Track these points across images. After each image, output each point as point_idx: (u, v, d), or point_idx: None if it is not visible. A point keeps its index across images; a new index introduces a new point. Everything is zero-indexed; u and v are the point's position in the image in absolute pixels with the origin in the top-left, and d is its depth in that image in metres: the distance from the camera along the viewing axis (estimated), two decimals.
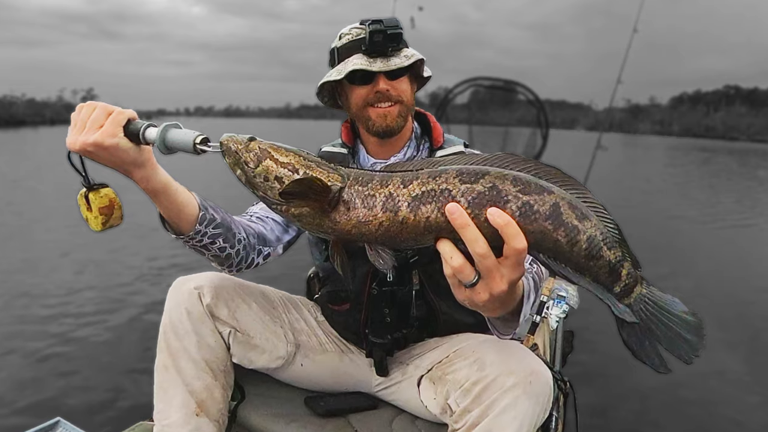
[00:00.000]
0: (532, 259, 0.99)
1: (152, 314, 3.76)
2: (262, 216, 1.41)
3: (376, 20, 1.27)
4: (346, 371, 1.49)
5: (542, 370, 1.10)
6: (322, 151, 1.45)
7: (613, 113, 6.55)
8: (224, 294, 1.35)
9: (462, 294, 0.76)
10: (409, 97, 1.34)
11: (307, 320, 1.52)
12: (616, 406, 2.80)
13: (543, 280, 1.13)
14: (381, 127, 1.31)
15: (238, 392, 1.44)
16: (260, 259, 1.37)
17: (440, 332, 1.41)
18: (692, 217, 9.21)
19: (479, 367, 1.13)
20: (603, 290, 0.75)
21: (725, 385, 3.08)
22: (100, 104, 0.97)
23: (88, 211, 1.05)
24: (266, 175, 0.79)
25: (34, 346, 3.26)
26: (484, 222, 0.69)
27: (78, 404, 2.63)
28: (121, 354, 3.23)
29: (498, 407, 1.04)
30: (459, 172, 0.73)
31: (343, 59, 1.30)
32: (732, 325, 3.99)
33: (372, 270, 1.33)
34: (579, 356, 2.90)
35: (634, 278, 0.74)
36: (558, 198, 0.70)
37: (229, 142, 0.84)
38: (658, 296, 0.76)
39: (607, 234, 0.72)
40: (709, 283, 5.13)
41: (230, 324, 1.34)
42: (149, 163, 1.03)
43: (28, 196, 9.47)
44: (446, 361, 1.27)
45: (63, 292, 4.28)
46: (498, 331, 1.04)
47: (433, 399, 1.25)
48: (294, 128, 65.66)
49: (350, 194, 0.76)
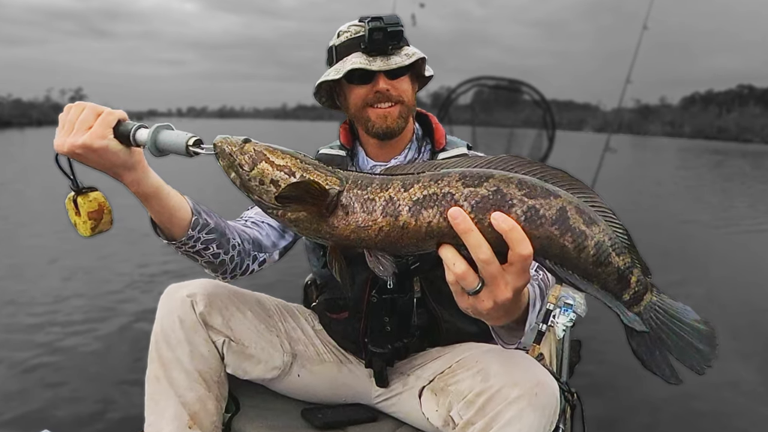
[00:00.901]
0: (538, 266, 0.99)
1: (143, 323, 3.75)
2: (258, 221, 1.41)
3: (376, 17, 1.27)
4: (344, 382, 1.48)
5: (548, 381, 1.10)
6: (319, 154, 1.45)
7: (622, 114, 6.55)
8: (218, 302, 1.35)
9: (465, 302, 0.76)
10: (410, 97, 1.34)
11: (304, 329, 1.52)
12: (626, 419, 2.78)
13: (549, 288, 1.13)
14: (381, 129, 1.31)
15: (233, 404, 1.44)
16: (255, 266, 1.37)
17: (442, 341, 1.41)
18: (704, 221, 9.20)
19: (483, 378, 1.13)
20: (612, 298, 0.75)
21: (739, 397, 3.07)
22: (89, 105, 0.97)
23: (77, 215, 1.05)
24: (262, 179, 0.79)
25: (21, 355, 3.26)
26: (487, 227, 0.69)
27: (66, 416, 2.62)
28: (111, 364, 3.22)
29: (502, 419, 1.04)
30: (462, 175, 0.73)
31: (341, 58, 1.31)
32: (746, 334, 3.98)
33: (371, 277, 1.33)
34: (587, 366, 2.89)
35: (644, 285, 0.74)
36: (565, 202, 0.70)
37: (223, 144, 0.84)
38: (669, 304, 0.76)
39: (615, 239, 0.72)
40: (721, 291, 5.12)
41: (224, 333, 1.34)
42: (140, 165, 1.03)
43: (15, 199, 9.47)
44: (449, 371, 1.27)
45: (50, 299, 4.28)
46: (502, 341, 1.04)
47: (435, 411, 1.25)
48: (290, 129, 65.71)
49: (349, 198, 0.77)
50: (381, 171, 0.80)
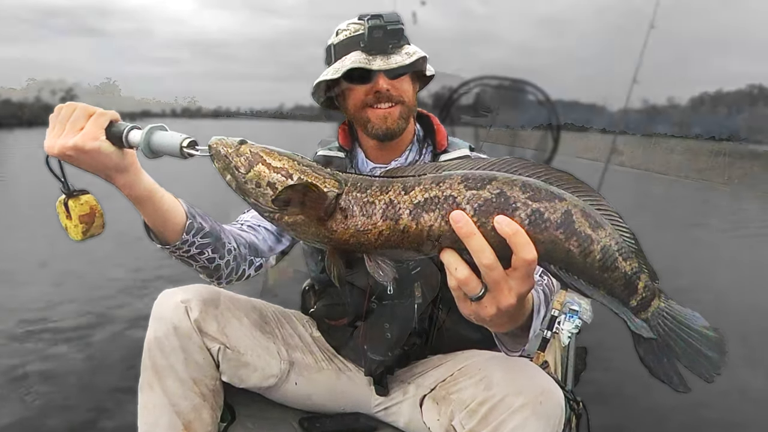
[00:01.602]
0: (543, 271, 0.99)
1: (136, 329, 3.74)
2: (254, 224, 1.41)
3: (376, 15, 1.27)
4: (343, 390, 1.48)
5: (553, 389, 1.10)
6: (317, 155, 1.45)
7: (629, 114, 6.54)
8: (213, 308, 1.35)
9: (467, 308, 0.76)
10: (411, 97, 1.34)
11: (302, 336, 1.52)
12: (632, 428, 2.78)
13: (554, 293, 1.13)
14: (381, 130, 1.31)
15: (228, 413, 1.43)
16: (252, 270, 1.36)
17: (444, 349, 1.41)
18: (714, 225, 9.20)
19: (486, 386, 1.13)
20: (618, 304, 0.75)
21: (748, 405, 3.06)
22: (81, 105, 0.97)
23: (68, 219, 1.05)
24: (258, 181, 0.79)
25: (10, 363, 3.24)
26: (491, 231, 0.69)
27: (57, 425, 2.61)
28: (103, 372, 3.21)
29: (506, 429, 1.04)
30: (464, 177, 0.73)
31: (340, 57, 1.31)
32: (755, 340, 3.97)
33: (371, 282, 1.33)
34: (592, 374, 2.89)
35: (652, 291, 0.74)
36: (570, 205, 0.70)
37: (219, 145, 0.83)
38: (677, 310, 0.76)
39: (622, 244, 0.72)
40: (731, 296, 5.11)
41: (220, 340, 1.34)
42: (133, 167, 1.03)
43: (3, 202, 9.46)
44: (450, 379, 1.27)
45: (41, 305, 4.27)
46: (506, 348, 1.04)
47: (436, 420, 1.24)
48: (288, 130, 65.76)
49: (348, 201, 0.76)
50: (381, 173, 0.80)
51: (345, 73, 1.26)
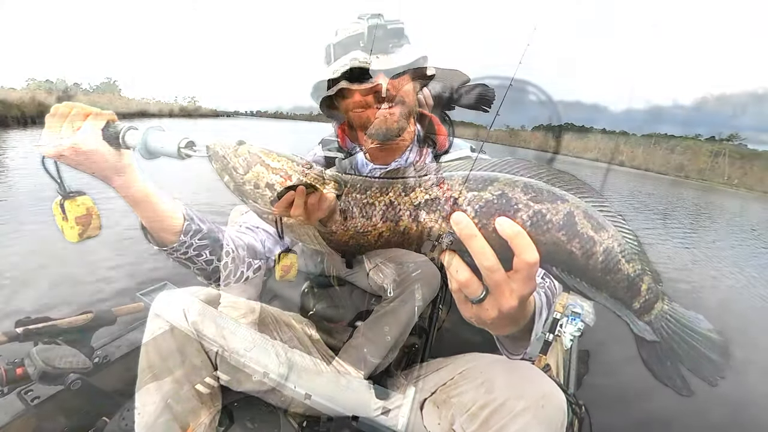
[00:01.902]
0: (545, 273, 0.99)
1: (133, 332, 3.74)
2: (253, 226, 1.41)
3: (376, 14, 1.27)
4: (342, 393, 1.48)
5: (555, 392, 1.09)
6: (317, 156, 1.45)
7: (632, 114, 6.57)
8: (211, 311, 1.35)
9: (468, 310, 0.76)
10: (411, 97, 1.34)
11: (301, 339, 1.52)
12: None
13: (556, 296, 1.12)
14: (381, 131, 1.31)
15: (226, 417, 1.43)
16: (250, 273, 1.36)
17: (445, 352, 1.40)
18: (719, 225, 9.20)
19: (487, 390, 1.12)
20: (621, 306, 0.75)
21: (752, 408, 3.06)
22: (77, 105, 0.97)
23: (64, 220, 1.04)
24: (257, 182, 0.79)
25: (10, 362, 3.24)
26: (492, 232, 0.69)
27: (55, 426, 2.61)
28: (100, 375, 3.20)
29: None
30: (465, 178, 0.73)
31: (339, 56, 1.31)
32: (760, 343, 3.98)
33: (371, 284, 1.32)
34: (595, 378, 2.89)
35: (655, 293, 0.74)
36: (572, 207, 0.70)
37: (217, 146, 0.83)
38: (681, 313, 0.76)
39: (625, 246, 0.72)
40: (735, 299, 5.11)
41: (218, 343, 1.34)
42: (130, 168, 1.03)
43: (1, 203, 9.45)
44: (451, 383, 1.27)
45: (36, 307, 4.26)
46: (507, 351, 1.04)
47: (437, 424, 1.24)
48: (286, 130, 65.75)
49: (347, 202, 0.76)
50: (381, 174, 0.80)
51: (344, 73, 1.26)
